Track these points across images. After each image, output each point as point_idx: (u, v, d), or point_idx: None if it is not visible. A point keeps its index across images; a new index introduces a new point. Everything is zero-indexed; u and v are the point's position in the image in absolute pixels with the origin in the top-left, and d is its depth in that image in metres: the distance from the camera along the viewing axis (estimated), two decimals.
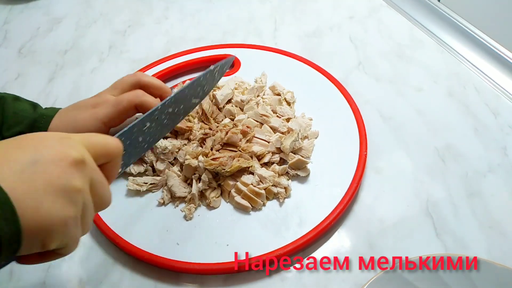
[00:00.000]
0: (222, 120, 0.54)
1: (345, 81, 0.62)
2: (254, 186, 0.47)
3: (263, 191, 0.47)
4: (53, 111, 0.50)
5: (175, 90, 0.46)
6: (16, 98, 0.50)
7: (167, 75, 0.65)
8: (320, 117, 0.56)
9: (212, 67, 0.49)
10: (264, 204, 0.48)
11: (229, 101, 0.56)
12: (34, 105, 0.50)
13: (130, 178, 0.50)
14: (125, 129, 0.39)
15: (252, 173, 0.49)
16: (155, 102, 0.49)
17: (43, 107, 0.52)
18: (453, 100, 0.60)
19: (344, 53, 0.68)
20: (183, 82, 0.63)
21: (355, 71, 0.65)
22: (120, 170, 0.37)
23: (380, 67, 0.65)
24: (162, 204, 0.48)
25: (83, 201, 0.30)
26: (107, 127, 0.50)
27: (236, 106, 0.56)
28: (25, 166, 0.27)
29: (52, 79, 0.67)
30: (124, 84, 0.51)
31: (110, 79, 0.57)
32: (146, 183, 0.49)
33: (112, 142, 0.34)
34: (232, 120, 0.54)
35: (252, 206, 0.47)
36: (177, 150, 0.51)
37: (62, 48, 0.73)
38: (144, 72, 0.64)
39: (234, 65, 0.65)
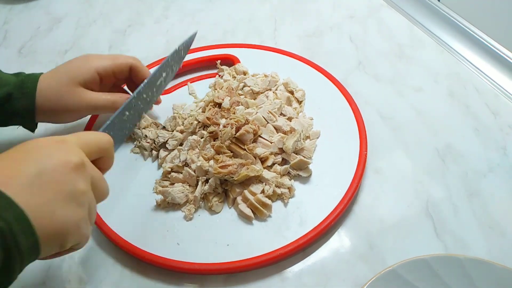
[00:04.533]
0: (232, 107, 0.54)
1: (345, 81, 0.62)
2: (263, 197, 0.47)
3: (270, 202, 0.47)
4: (38, 73, 0.49)
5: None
6: None
7: None
8: (320, 117, 0.56)
9: (177, 46, 0.52)
10: (270, 216, 0.47)
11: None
12: (16, 74, 0.50)
13: (157, 180, 0.50)
14: (108, 122, 0.41)
15: (262, 182, 0.49)
16: (147, 71, 0.52)
17: None
18: (453, 100, 0.60)
19: (344, 53, 0.68)
20: (188, 81, 0.63)
21: (355, 71, 0.65)
22: None
23: (380, 67, 0.65)
24: (159, 205, 0.49)
25: (88, 201, 0.32)
26: (99, 79, 0.50)
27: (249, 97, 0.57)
28: (32, 179, 0.28)
29: None
30: (118, 56, 0.53)
31: None
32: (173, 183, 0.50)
33: (103, 138, 0.37)
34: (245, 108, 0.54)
35: (256, 215, 0.47)
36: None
37: (62, 48, 0.73)
38: None
39: (234, 64, 0.65)
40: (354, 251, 0.45)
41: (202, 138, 0.51)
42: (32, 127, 0.51)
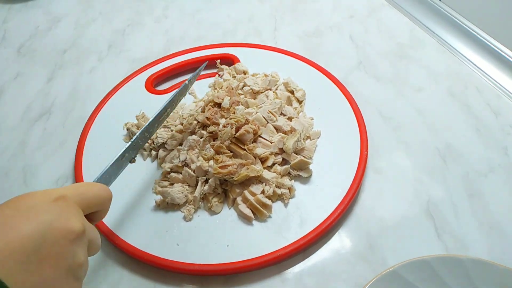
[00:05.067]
0: (231, 107, 0.54)
1: (345, 80, 0.62)
2: (263, 197, 0.47)
3: (270, 202, 0.47)
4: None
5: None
6: None
7: (167, 74, 0.64)
8: (321, 117, 0.56)
9: (187, 81, 0.52)
10: (270, 216, 0.47)
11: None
12: None
13: (156, 181, 0.50)
14: (107, 167, 0.40)
15: (262, 183, 0.48)
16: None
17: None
18: (454, 100, 0.59)
19: (345, 52, 0.68)
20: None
21: (355, 71, 0.65)
22: None
23: (381, 67, 0.65)
24: (158, 206, 0.48)
25: (85, 270, 0.31)
26: None
27: (247, 97, 0.57)
28: (30, 255, 0.26)
29: (51, 79, 0.67)
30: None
31: (110, 79, 0.57)
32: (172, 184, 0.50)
33: (103, 194, 0.35)
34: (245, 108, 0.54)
35: (256, 216, 0.47)
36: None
37: (62, 47, 0.73)
38: (144, 71, 0.64)
39: (234, 63, 0.64)
40: (354, 252, 0.45)
41: (201, 138, 0.51)
42: None
